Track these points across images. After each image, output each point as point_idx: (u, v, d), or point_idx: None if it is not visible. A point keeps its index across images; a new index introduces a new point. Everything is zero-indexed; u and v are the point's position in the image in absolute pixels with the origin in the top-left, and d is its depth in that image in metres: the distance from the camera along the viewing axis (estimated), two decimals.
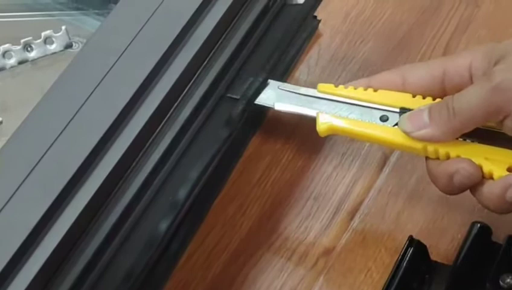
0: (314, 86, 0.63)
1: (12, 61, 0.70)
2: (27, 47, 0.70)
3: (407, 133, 0.56)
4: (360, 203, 0.65)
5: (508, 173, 0.54)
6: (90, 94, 0.55)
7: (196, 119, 0.59)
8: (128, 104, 0.55)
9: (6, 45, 0.69)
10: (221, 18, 0.61)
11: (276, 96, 0.62)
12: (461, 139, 0.55)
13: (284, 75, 0.72)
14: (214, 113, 0.61)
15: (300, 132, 0.69)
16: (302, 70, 0.74)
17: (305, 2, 0.69)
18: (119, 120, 0.54)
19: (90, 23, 0.73)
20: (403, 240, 0.58)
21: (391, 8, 0.79)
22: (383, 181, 0.66)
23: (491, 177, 0.54)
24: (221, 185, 0.66)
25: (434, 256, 0.58)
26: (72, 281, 0.51)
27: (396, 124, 0.57)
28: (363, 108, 0.59)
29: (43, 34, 0.70)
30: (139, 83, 0.55)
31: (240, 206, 0.65)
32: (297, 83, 0.72)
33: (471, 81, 0.56)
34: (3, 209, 0.50)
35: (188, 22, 0.59)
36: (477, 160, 0.54)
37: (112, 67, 0.56)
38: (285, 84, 0.63)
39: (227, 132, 0.61)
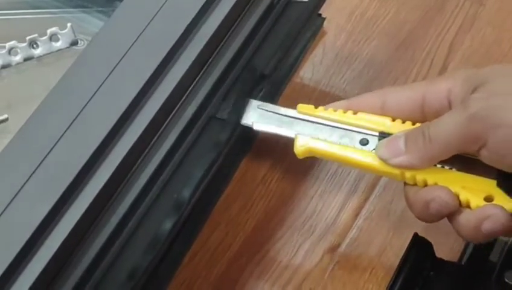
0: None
1: (18, 58, 0.69)
2: (33, 44, 0.70)
3: (384, 160, 0.55)
4: (365, 200, 0.66)
5: (484, 202, 0.53)
6: (95, 92, 0.55)
7: (201, 116, 0.59)
8: (133, 101, 0.54)
9: (12, 42, 0.69)
10: (227, 16, 0.61)
11: (256, 116, 0.61)
12: (439, 166, 0.54)
13: (288, 73, 0.72)
14: (220, 108, 0.61)
15: None
16: (306, 69, 0.74)
17: (309, 0, 0.69)
18: (124, 118, 0.54)
19: (95, 21, 0.73)
20: (408, 237, 0.58)
21: (396, 7, 0.79)
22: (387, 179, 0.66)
23: (468, 206, 0.53)
24: (225, 184, 0.66)
25: (439, 253, 0.58)
26: (75, 280, 0.51)
27: (375, 149, 0.56)
28: (342, 131, 0.58)
29: (48, 31, 0.70)
30: (144, 80, 0.55)
31: (245, 204, 0.66)
32: (302, 82, 0.73)
33: (450, 107, 0.55)
34: (8, 208, 0.49)
35: (193, 19, 0.59)
36: (454, 188, 0.53)
37: (117, 64, 0.56)
38: (265, 103, 0.62)
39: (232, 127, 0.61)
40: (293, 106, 0.61)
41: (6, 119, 0.65)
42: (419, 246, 0.58)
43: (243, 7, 0.63)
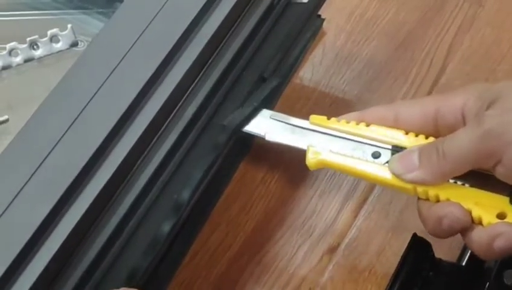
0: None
1: (18, 59, 0.69)
2: (33, 45, 0.70)
3: (397, 176, 0.54)
4: (364, 201, 0.66)
5: (497, 219, 0.52)
6: (96, 93, 0.55)
7: (202, 116, 0.60)
8: (133, 102, 0.55)
9: (13, 43, 0.69)
10: (226, 17, 0.61)
11: (267, 126, 0.61)
12: (452, 182, 0.54)
13: (288, 74, 0.72)
14: (220, 107, 0.61)
15: None
16: (306, 69, 0.75)
17: (309, 1, 0.69)
18: (124, 119, 0.54)
19: (95, 22, 0.73)
20: (407, 237, 0.58)
21: (395, 7, 0.79)
22: None
23: (481, 223, 0.52)
24: (224, 185, 0.66)
25: (438, 253, 0.58)
26: (76, 280, 0.51)
27: (387, 162, 0.56)
28: (355, 143, 0.57)
29: (49, 32, 0.70)
30: (144, 82, 0.55)
31: (245, 205, 0.66)
32: (301, 82, 0.73)
33: (463, 122, 0.55)
34: (8, 209, 0.50)
35: (193, 20, 0.59)
36: (467, 204, 0.53)
37: (117, 66, 0.56)
38: (278, 113, 0.61)
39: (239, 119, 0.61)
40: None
41: (6, 120, 0.65)
42: (418, 247, 0.58)
43: (242, 8, 0.64)
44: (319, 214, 0.65)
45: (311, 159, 0.57)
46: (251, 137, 0.61)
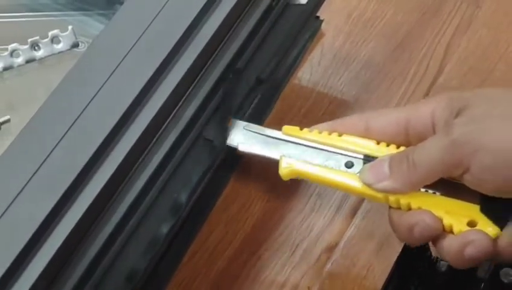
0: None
1: (19, 60, 0.70)
2: (34, 46, 0.70)
3: (368, 185, 0.55)
4: (362, 199, 0.66)
5: (468, 227, 0.52)
6: (96, 93, 0.55)
7: (201, 117, 0.60)
8: (133, 102, 0.55)
9: (14, 44, 0.69)
10: (225, 18, 0.61)
11: (240, 137, 0.61)
12: (423, 190, 0.54)
13: (287, 75, 0.73)
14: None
15: None
16: (305, 70, 0.75)
17: (308, 2, 0.70)
18: (125, 119, 0.54)
19: (96, 23, 0.73)
20: None
21: (393, 9, 0.80)
22: None
23: (451, 231, 0.53)
24: (223, 185, 0.67)
25: (435, 252, 0.59)
26: (76, 279, 0.51)
27: (359, 173, 0.56)
28: (328, 153, 0.57)
29: (50, 33, 0.70)
30: (144, 82, 0.56)
31: (244, 204, 0.66)
32: (300, 83, 0.73)
33: (433, 130, 0.55)
34: (11, 206, 0.50)
35: (193, 22, 0.59)
36: (438, 212, 0.53)
37: (117, 66, 0.56)
38: (251, 124, 0.61)
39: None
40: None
41: (8, 121, 0.66)
42: (415, 246, 0.58)
43: (241, 9, 0.64)
44: (318, 213, 0.66)
45: (284, 169, 0.58)
46: None
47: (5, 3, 0.74)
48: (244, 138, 0.61)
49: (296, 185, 0.67)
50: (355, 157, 0.57)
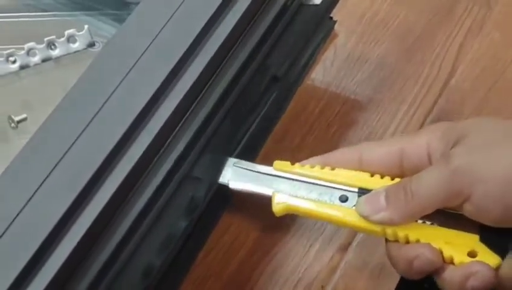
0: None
1: (36, 59, 0.70)
2: (51, 45, 0.70)
3: (364, 217, 0.54)
4: None
5: (468, 258, 0.52)
6: (112, 92, 0.55)
7: (217, 115, 0.60)
8: (149, 102, 0.55)
9: (31, 43, 0.69)
10: (240, 19, 0.61)
11: (231, 174, 0.60)
12: (420, 222, 0.53)
13: (300, 75, 0.73)
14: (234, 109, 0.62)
15: None
16: (318, 70, 0.75)
17: (321, 3, 0.69)
18: (141, 118, 0.55)
19: (111, 23, 0.74)
20: None
21: (405, 10, 0.80)
22: None
23: (452, 262, 0.52)
24: None
25: None
26: (92, 276, 0.51)
27: (355, 205, 0.55)
28: (321, 187, 0.56)
29: (66, 32, 0.70)
30: (160, 82, 0.56)
31: (257, 204, 0.66)
32: (313, 83, 0.73)
33: (429, 161, 0.54)
34: (28, 204, 0.50)
35: (207, 23, 0.59)
36: (437, 244, 0.52)
37: (133, 66, 0.56)
38: (241, 161, 0.60)
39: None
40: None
41: (25, 119, 0.66)
42: None
43: (255, 11, 0.64)
44: None
45: (277, 205, 0.57)
46: None
47: (21, 2, 0.75)
48: (234, 174, 0.60)
49: None
50: (349, 191, 0.56)
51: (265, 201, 0.58)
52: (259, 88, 0.64)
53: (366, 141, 0.70)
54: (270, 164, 0.59)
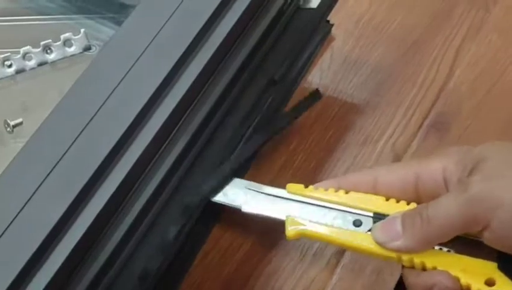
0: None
1: (32, 63, 0.70)
2: (47, 49, 0.70)
3: (380, 244, 0.53)
4: None
5: (486, 286, 0.51)
6: (109, 96, 0.55)
7: (215, 116, 0.60)
8: (145, 105, 0.55)
9: (27, 47, 0.70)
10: (237, 22, 0.61)
11: (243, 197, 0.59)
12: (437, 248, 0.53)
13: (297, 78, 0.73)
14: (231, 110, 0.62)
15: None
16: (314, 74, 0.75)
17: (318, 6, 0.70)
18: (137, 121, 0.55)
19: (108, 27, 0.74)
20: None
21: (403, 13, 0.80)
22: None
23: None
24: None
25: None
26: (90, 279, 0.52)
27: (370, 230, 0.54)
28: (335, 211, 0.55)
29: (62, 36, 0.71)
30: (156, 85, 0.56)
31: None
32: (310, 87, 0.73)
33: (445, 186, 0.53)
34: (24, 208, 0.50)
35: (204, 26, 0.59)
36: (454, 271, 0.51)
37: (129, 70, 0.56)
38: (253, 183, 0.59)
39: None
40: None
41: (21, 123, 0.66)
42: None
43: (252, 14, 0.64)
44: None
45: (290, 230, 0.56)
46: None
47: (17, 6, 0.75)
48: (246, 197, 0.59)
49: None
50: (364, 215, 0.55)
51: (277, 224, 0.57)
52: (256, 91, 0.64)
53: (363, 145, 0.70)
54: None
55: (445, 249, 0.53)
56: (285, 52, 0.67)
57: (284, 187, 0.58)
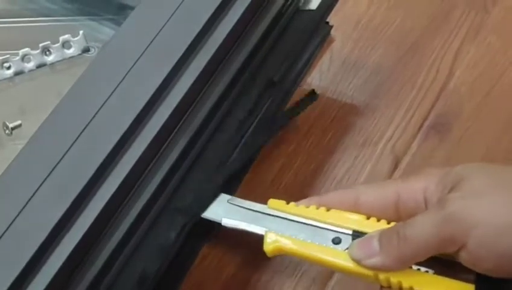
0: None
1: (31, 65, 0.70)
2: (45, 51, 0.70)
3: (357, 261, 0.52)
4: None
5: None
6: (108, 98, 0.55)
7: (214, 118, 0.60)
8: (144, 107, 0.55)
9: (25, 49, 0.70)
10: (236, 24, 0.61)
11: (224, 211, 0.58)
12: (415, 268, 0.51)
13: (296, 80, 0.73)
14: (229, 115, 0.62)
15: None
16: (314, 75, 0.75)
17: (318, 7, 0.69)
18: (136, 123, 0.55)
19: (107, 29, 0.74)
20: None
21: (402, 15, 0.80)
22: None
23: None
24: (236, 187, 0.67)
25: None
26: (88, 282, 0.52)
27: (348, 248, 0.53)
28: (314, 228, 0.55)
29: (61, 38, 0.71)
30: (155, 87, 0.56)
31: None
32: (309, 88, 0.73)
33: (425, 206, 0.53)
34: (22, 211, 0.50)
35: (203, 28, 0.59)
36: None
37: (128, 71, 0.56)
38: (235, 198, 0.59)
39: None
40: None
41: (19, 125, 0.66)
42: None
43: (252, 15, 0.64)
44: None
45: (269, 245, 0.55)
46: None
47: (16, 8, 0.75)
48: (227, 211, 0.58)
49: (304, 190, 0.67)
50: (343, 233, 0.54)
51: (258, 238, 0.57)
52: (255, 92, 0.64)
53: (363, 146, 0.70)
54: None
55: (423, 269, 0.52)
56: (284, 53, 0.67)
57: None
